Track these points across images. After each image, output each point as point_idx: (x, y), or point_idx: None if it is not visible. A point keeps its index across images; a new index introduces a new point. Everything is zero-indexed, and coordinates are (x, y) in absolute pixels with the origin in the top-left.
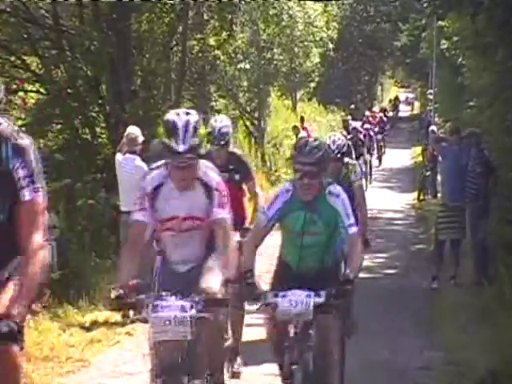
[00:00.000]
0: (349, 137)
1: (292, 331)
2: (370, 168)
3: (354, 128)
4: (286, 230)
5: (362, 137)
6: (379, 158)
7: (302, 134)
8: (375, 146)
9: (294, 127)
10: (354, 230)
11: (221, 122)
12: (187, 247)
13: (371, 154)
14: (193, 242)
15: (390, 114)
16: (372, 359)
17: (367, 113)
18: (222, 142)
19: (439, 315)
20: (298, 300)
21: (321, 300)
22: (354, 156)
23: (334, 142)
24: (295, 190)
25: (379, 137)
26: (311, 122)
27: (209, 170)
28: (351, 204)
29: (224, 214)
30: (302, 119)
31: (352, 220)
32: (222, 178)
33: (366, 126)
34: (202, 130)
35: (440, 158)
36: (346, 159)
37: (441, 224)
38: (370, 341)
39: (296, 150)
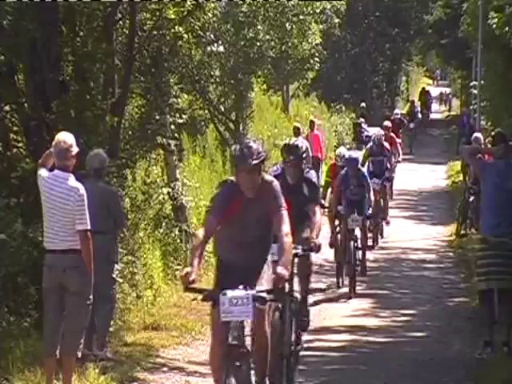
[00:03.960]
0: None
1: None
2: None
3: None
4: None
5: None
6: (376, 236)
7: (300, 140)
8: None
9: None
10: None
11: None
12: None
13: (373, 222)
14: None
15: (410, 124)
16: None
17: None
18: None
19: None
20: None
21: None
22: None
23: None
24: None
25: (376, 185)
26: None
27: None
28: None
29: None
30: (312, 124)
31: None
32: None
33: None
34: None
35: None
36: None
37: (481, 267)
38: None
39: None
